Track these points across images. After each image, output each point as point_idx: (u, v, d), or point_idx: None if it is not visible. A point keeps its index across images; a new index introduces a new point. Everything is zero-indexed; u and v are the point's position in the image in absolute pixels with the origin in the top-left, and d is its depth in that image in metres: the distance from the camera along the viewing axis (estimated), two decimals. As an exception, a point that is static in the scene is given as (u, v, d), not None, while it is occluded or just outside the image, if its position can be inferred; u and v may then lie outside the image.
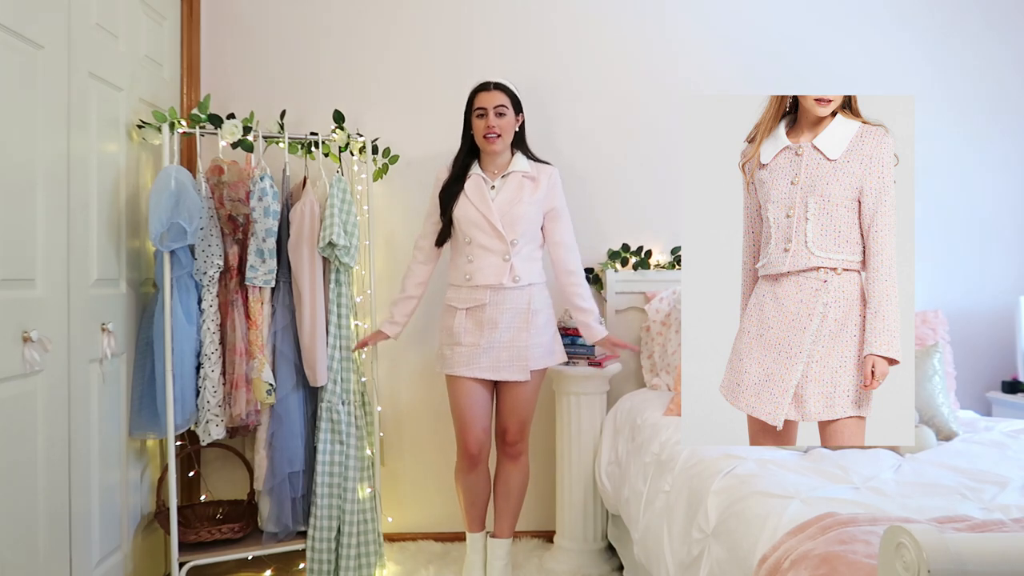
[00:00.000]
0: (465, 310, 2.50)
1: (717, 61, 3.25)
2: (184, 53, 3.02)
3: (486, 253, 2.49)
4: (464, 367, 2.49)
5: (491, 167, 2.58)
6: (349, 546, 2.63)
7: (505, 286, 2.47)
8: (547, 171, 2.59)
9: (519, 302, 2.49)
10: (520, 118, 2.59)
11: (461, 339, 2.49)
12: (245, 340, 2.63)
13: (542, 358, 2.54)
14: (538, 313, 2.53)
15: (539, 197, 2.54)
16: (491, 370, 2.48)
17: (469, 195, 2.52)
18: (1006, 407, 3.11)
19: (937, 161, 3.28)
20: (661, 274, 3.16)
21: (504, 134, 2.51)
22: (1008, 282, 3.33)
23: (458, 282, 2.55)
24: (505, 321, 2.47)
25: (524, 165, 2.57)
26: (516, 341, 2.48)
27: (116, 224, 2.49)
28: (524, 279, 2.49)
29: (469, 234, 2.51)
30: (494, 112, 2.49)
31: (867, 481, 1.83)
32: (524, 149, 2.62)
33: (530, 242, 2.55)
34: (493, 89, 2.52)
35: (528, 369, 2.49)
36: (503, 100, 2.51)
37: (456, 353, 2.51)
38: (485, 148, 2.53)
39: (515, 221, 2.49)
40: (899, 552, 1.01)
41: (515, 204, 2.50)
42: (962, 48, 3.31)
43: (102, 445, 2.37)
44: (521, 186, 2.53)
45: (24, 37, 1.95)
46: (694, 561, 1.79)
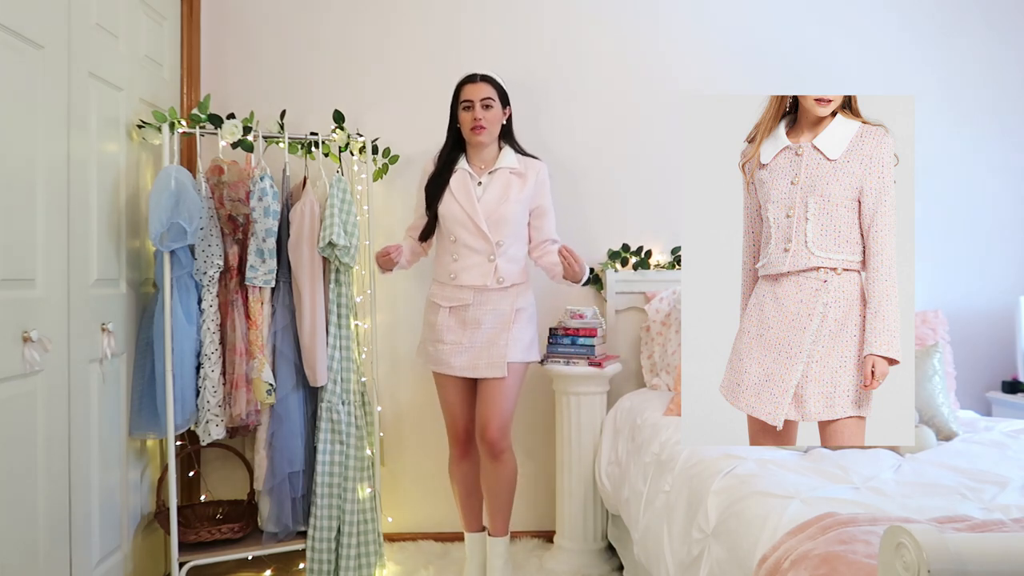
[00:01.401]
0: (449, 308, 2.51)
1: (717, 61, 3.25)
2: (184, 53, 3.02)
3: (471, 253, 2.48)
4: (445, 365, 2.52)
5: (478, 161, 2.56)
6: (349, 546, 2.63)
7: (489, 287, 2.47)
8: (535, 167, 2.57)
9: (503, 303, 2.49)
10: (507, 111, 2.57)
11: (444, 337, 2.51)
12: (245, 340, 2.63)
13: (520, 353, 2.51)
14: (521, 312, 2.53)
15: (526, 195, 2.52)
16: (470, 368, 2.49)
17: (455, 192, 2.49)
18: (1006, 407, 3.11)
19: (937, 161, 3.28)
20: (661, 274, 3.16)
21: (491, 127, 2.49)
22: (1008, 282, 3.33)
23: (443, 279, 2.54)
24: (488, 322, 2.48)
25: (512, 160, 2.54)
26: (497, 340, 2.48)
27: (116, 224, 2.49)
28: (508, 280, 2.49)
29: (454, 232, 2.50)
30: (480, 104, 2.47)
31: (867, 481, 1.83)
32: (512, 143, 2.60)
33: (516, 242, 2.53)
34: (479, 81, 2.50)
35: (504, 365, 2.47)
36: (489, 92, 2.49)
37: (438, 350, 2.53)
38: (472, 141, 2.52)
39: (501, 222, 2.47)
40: (899, 552, 1.01)
41: (501, 203, 2.47)
42: (962, 48, 3.31)
43: (102, 445, 2.37)
44: (508, 184, 2.50)
45: (24, 37, 1.95)
46: (694, 561, 1.79)
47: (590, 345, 2.83)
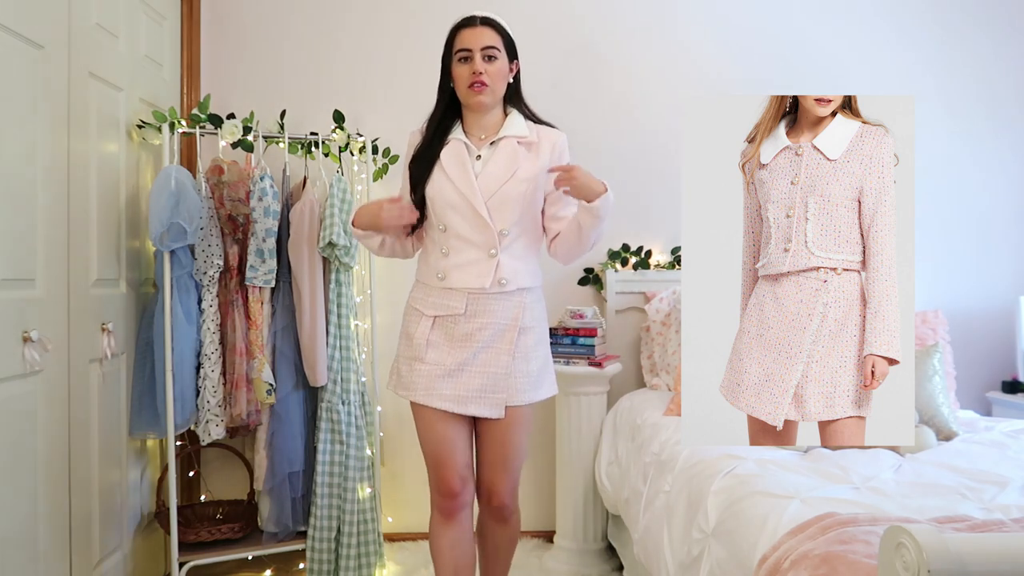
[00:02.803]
0: (433, 318, 1.92)
1: (717, 61, 3.25)
2: (184, 53, 3.02)
3: (466, 246, 1.90)
4: (423, 392, 1.90)
5: (477, 130, 1.96)
6: (349, 546, 2.63)
7: (488, 291, 1.88)
8: (550, 136, 1.98)
9: (504, 314, 1.90)
10: (515, 66, 1.98)
11: (424, 355, 1.91)
12: (245, 340, 2.63)
13: (526, 390, 1.91)
14: (528, 332, 1.93)
15: (539, 171, 1.93)
16: (455, 401, 1.88)
17: (446, 167, 1.90)
18: (1006, 407, 3.11)
19: (937, 161, 3.28)
20: (661, 274, 3.16)
21: (494, 84, 1.90)
22: (1008, 282, 3.33)
23: (428, 280, 1.96)
24: (484, 338, 1.88)
25: (520, 127, 1.94)
26: (493, 365, 1.89)
27: (116, 224, 2.49)
28: (513, 283, 1.90)
29: (444, 220, 1.91)
30: (481, 55, 1.88)
31: (867, 481, 1.83)
32: (521, 106, 2.00)
33: (525, 233, 1.95)
34: (480, 25, 1.91)
35: (504, 405, 1.89)
36: (493, 40, 1.91)
37: (415, 372, 1.91)
38: (469, 102, 1.92)
39: (505, 204, 1.88)
40: (899, 552, 1.01)
41: (506, 181, 1.88)
42: (963, 48, 3.31)
43: (102, 445, 2.37)
44: (515, 156, 1.91)
45: (24, 37, 1.94)
46: (694, 561, 1.79)
47: (590, 345, 2.83)
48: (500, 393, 1.89)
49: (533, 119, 2.00)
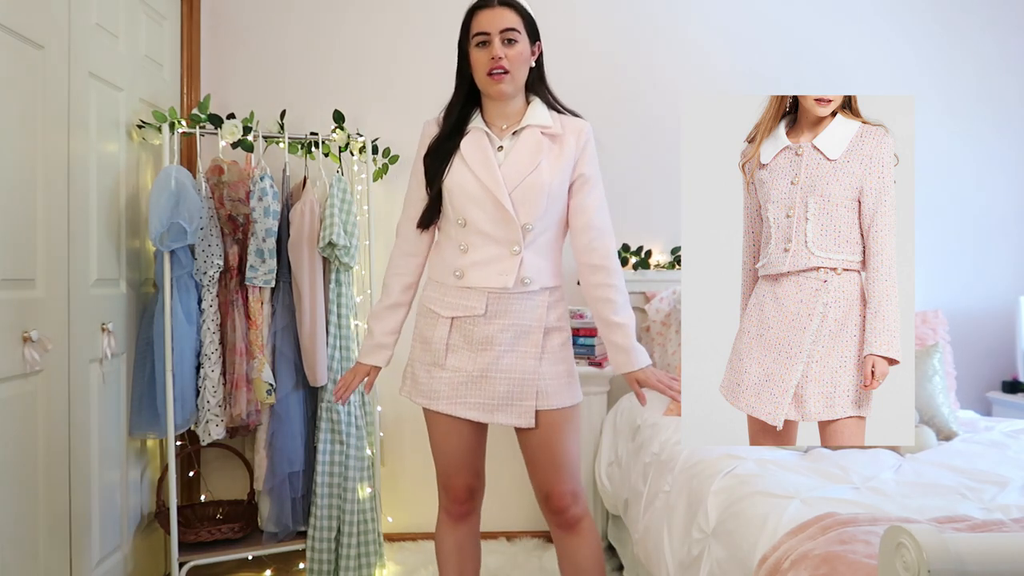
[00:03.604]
0: (451, 320, 1.82)
1: (717, 60, 3.25)
2: (184, 53, 3.02)
3: (487, 242, 1.78)
4: (446, 401, 1.81)
5: (498, 119, 1.84)
6: (349, 546, 2.63)
7: (510, 290, 1.77)
8: (575, 125, 1.85)
9: (527, 315, 1.79)
10: (537, 48, 1.85)
11: (444, 360, 1.82)
12: (245, 340, 2.63)
13: (558, 392, 1.80)
14: (554, 332, 1.83)
15: (565, 163, 1.81)
16: (482, 409, 1.79)
17: (467, 158, 1.79)
18: (1006, 407, 3.11)
19: (937, 161, 3.28)
20: (661, 274, 3.16)
21: (515, 70, 1.77)
22: (1008, 282, 3.33)
23: (443, 278, 1.84)
24: (506, 341, 1.78)
25: (543, 116, 1.82)
26: (519, 371, 1.78)
27: (116, 224, 2.49)
28: (537, 282, 1.79)
29: (465, 214, 1.79)
30: (501, 38, 1.76)
31: (867, 481, 1.83)
32: (544, 93, 1.88)
33: (550, 228, 1.83)
34: (498, 6, 1.78)
35: (533, 412, 1.78)
36: (513, 21, 1.77)
37: (435, 380, 1.82)
38: (489, 90, 1.80)
39: (530, 197, 1.77)
40: (899, 552, 1.01)
41: (530, 172, 1.77)
42: (963, 48, 3.31)
43: (102, 445, 2.37)
44: (539, 146, 1.79)
45: (24, 37, 1.95)
46: (694, 561, 1.79)
47: (590, 345, 2.83)
48: (528, 400, 1.78)
49: (557, 107, 1.89)
